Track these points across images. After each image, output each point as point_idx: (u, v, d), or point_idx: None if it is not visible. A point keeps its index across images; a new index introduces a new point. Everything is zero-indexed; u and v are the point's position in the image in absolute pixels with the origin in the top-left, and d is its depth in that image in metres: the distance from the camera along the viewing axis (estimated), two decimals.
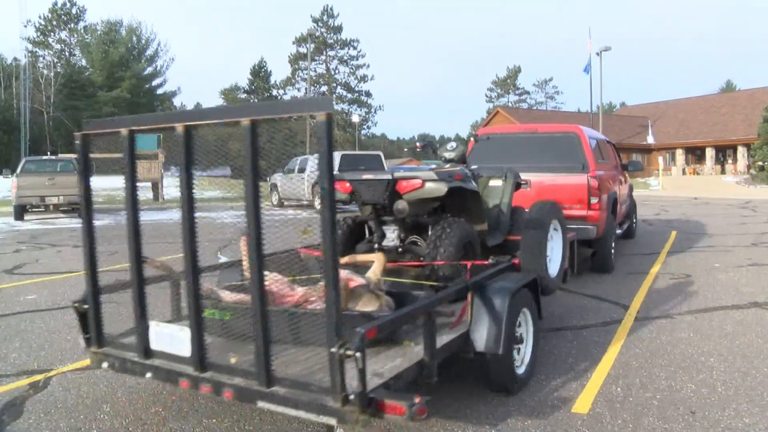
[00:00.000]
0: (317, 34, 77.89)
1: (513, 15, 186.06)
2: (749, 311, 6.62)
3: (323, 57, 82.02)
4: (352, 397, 2.90)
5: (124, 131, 3.81)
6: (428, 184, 4.94)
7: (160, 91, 77.53)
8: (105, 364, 3.94)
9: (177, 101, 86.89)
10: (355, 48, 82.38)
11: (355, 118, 70.43)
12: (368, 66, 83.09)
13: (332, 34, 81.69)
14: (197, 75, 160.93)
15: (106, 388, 4.51)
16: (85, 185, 3.98)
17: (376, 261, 4.57)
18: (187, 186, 3.64)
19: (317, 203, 21.02)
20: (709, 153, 52.21)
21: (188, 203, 3.74)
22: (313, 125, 70.45)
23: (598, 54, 40.20)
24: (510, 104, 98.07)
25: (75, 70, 68.95)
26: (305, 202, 23.32)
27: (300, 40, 78.19)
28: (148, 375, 3.74)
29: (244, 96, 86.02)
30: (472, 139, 7.67)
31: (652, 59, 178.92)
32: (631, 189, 12.82)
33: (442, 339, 3.82)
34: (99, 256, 3.96)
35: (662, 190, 36.17)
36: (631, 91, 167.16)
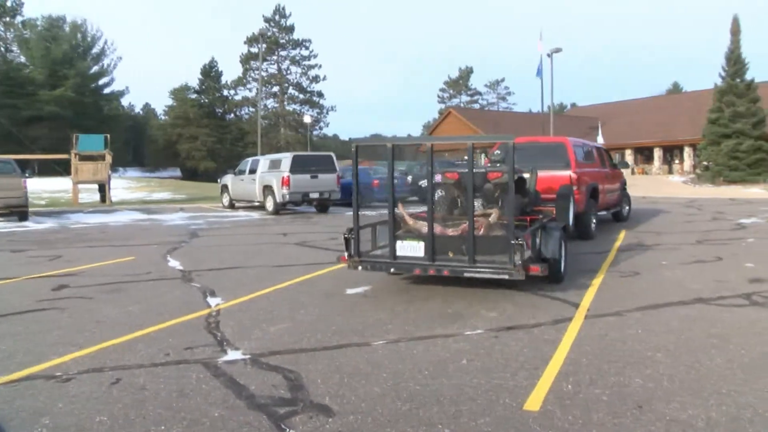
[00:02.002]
0: (269, 34, 77.24)
1: (465, 16, 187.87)
2: (694, 307, 6.77)
3: (275, 57, 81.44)
4: (517, 263, 6.68)
5: (388, 145, 7.86)
6: (505, 175, 8.03)
7: (107, 91, 75.91)
8: (359, 267, 7.69)
9: (125, 101, 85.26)
10: (307, 48, 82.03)
11: (307, 119, 70.05)
12: (320, 66, 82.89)
13: (284, 34, 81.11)
14: (146, 74, 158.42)
15: (45, 399, 4.35)
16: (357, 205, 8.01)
17: (494, 212, 7.80)
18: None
19: (269, 204, 21.09)
20: (657, 153, 53.49)
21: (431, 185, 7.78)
22: (264, 126, 70.03)
23: (549, 55, 40.76)
24: (462, 105, 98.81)
25: (12, 66, 66.86)
26: (257, 203, 23.09)
27: (251, 40, 77.43)
28: (392, 270, 7.75)
29: (194, 96, 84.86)
30: (486, 157, 10.99)
31: (602, 61, 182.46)
32: (623, 183, 16.59)
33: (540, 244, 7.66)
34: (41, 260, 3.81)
35: None
36: (581, 92, 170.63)
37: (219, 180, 27.27)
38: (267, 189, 21.63)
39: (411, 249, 7.39)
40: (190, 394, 4.39)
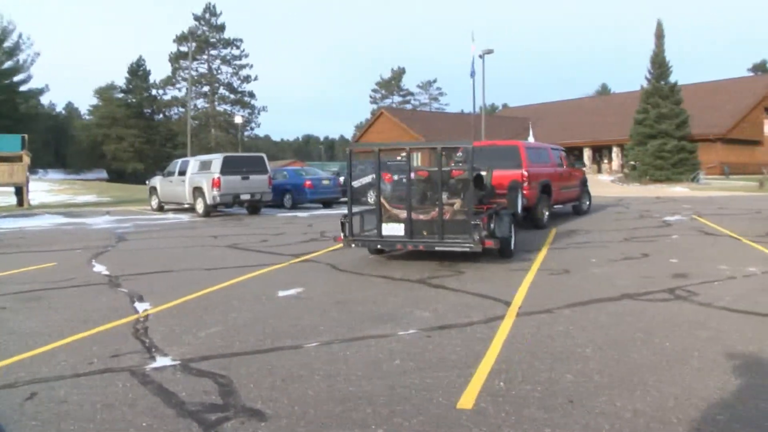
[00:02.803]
0: (199, 32, 75.61)
1: (397, 17, 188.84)
2: (622, 303, 6.95)
3: (205, 56, 79.96)
4: (477, 238, 8.87)
5: (375, 149, 10.65)
6: (466, 173, 10.02)
7: (23, 88, 72.60)
8: (353, 245, 9.99)
9: (45, 99, 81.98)
10: (238, 48, 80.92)
11: (238, 120, 69.08)
12: (251, 66, 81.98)
13: (215, 33, 79.76)
14: (68, 72, 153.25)
15: None
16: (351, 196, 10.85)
17: (458, 202, 10.05)
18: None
19: (199, 206, 20.70)
20: (587, 153, 54.88)
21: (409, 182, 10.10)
22: (194, 126, 68.66)
23: (481, 56, 41.26)
24: (394, 105, 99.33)
25: None
26: (186, 206, 22.62)
27: (181, 39, 75.81)
28: (378, 246, 10.24)
29: (121, 95, 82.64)
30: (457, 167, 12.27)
31: (533, 63, 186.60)
32: (583, 181, 19.13)
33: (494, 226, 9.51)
34: None
35: None
36: (513, 93, 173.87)
37: (147, 182, 26.58)
38: (197, 191, 21.21)
39: (394, 230, 9.73)
40: (116, 405, 4.22)
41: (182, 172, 22.28)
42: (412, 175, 10.70)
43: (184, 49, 74.71)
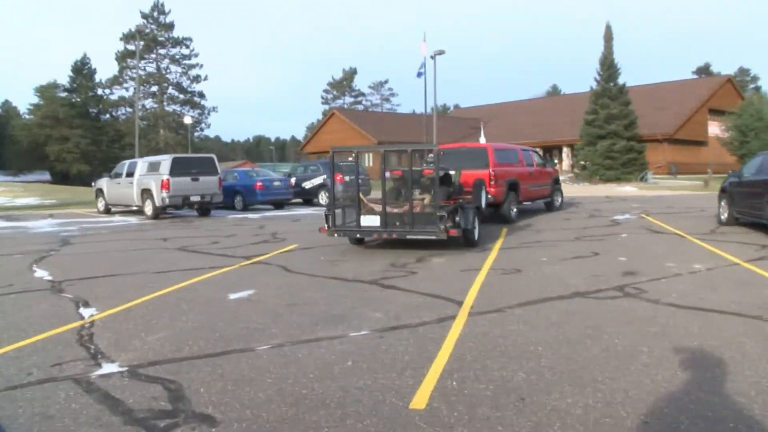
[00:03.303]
0: (147, 31, 73.96)
1: (349, 17, 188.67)
2: (573, 301, 7.04)
3: (154, 55, 78.33)
4: (441, 228, 10.41)
5: (354, 151, 14.33)
6: (435, 172, 11.20)
7: None
8: (336, 234, 11.37)
9: None
10: (187, 47, 79.53)
11: (188, 120, 67.95)
12: (201, 66, 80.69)
13: (163, 32, 78.20)
14: (5, 69, 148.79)
15: None
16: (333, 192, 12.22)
17: (427, 197, 11.41)
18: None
19: (148, 208, 20.31)
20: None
21: (383, 179, 12.00)
22: (142, 127, 67.35)
23: (432, 57, 41.46)
24: (346, 106, 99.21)
25: None
26: (135, 208, 22.18)
27: (128, 37, 73.99)
28: (358, 235, 11.63)
29: (64, 94, 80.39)
30: (428, 166, 13.38)
31: (484, 63, 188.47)
32: (554, 180, 20.59)
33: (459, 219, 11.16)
34: None
35: None
36: (464, 93, 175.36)
37: (93, 184, 26.00)
38: (146, 192, 20.82)
39: (371, 221, 11.21)
40: (57, 416, 4.05)
41: (130, 174, 21.84)
42: (387, 174, 12.41)
43: (131, 47, 72.94)
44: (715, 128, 51.84)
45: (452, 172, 13.28)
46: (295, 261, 10.41)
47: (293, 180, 26.39)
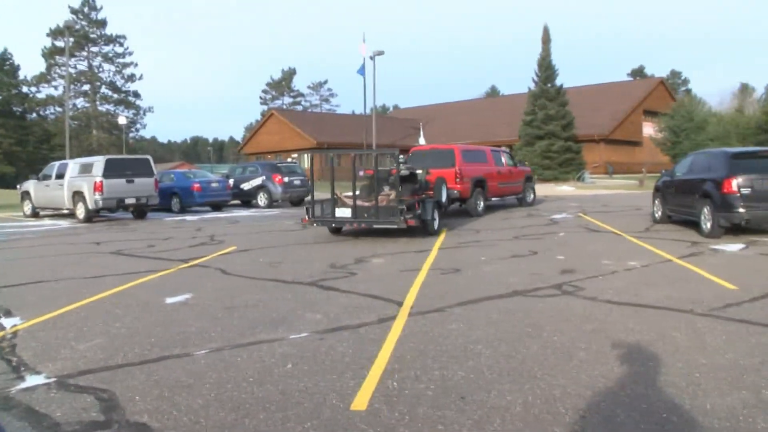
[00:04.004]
0: (77, 27, 71.38)
1: (287, 16, 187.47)
2: (512, 299, 7.12)
3: (85, 53, 75.69)
4: (401, 218, 12.33)
5: (330, 154, 17.82)
6: (403, 171, 13.68)
7: None
8: (314, 224, 13.50)
9: None
10: (121, 45, 77.20)
11: (122, 120, 66.17)
12: (136, 65, 78.57)
13: (95, 29, 75.63)
14: None
15: None
16: (313, 189, 14.55)
17: (393, 193, 13.18)
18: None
19: (79, 212, 19.71)
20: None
21: (353, 178, 13.89)
22: (73, 127, 65.19)
23: (371, 58, 41.49)
24: (285, 106, 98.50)
25: None
26: (65, 211, 21.50)
27: (56, 33, 71.20)
28: (333, 224, 13.66)
29: None
30: (395, 167, 14.15)
31: (423, 64, 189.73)
32: (527, 178, 22.48)
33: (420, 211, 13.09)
34: None
35: None
36: (404, 94, 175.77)
37: (18, 186, 25.05)
38: (77, 195, 20.20)
39: (344, 213, 13.22)
40: None
41: (60, 176, 21.15)
42: (361, 173, 14.79)
43: (60, 44, 70.31)
44: (649, 129, 53.50)
45: (419, 171, 14.86)
46: (233, 263, 10.25)
47: (231, 181, 26.04)
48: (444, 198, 15.12)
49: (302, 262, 10.19)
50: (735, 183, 11.63)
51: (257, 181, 25.69)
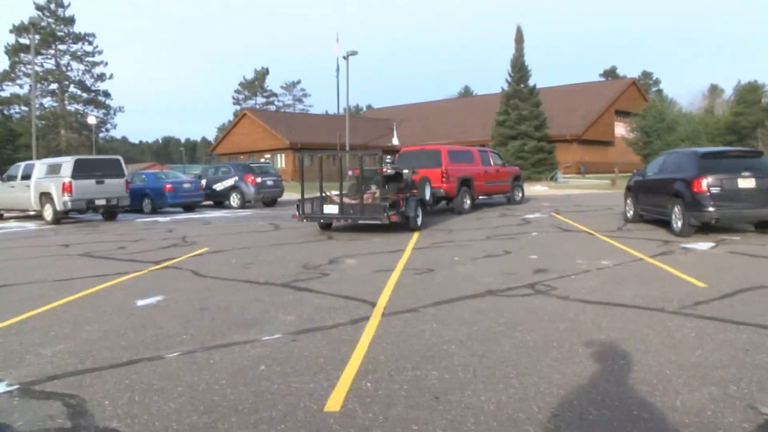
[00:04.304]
0: (43, 24, 69.73)
1: (260, 16, 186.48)
2: (485, 299, 7.14)
3: (52, 51, 74.03)
4: (384, 215, 13.21)
5: (318, 154, 16.01)
6: (389, 171, 14.98)
7: None
8: (305, 221, 14.64)
9: None
10: (90, 43, 75.52)
11: (92, 120, 65.07)
12: (106, 64, 76.94)
13: (62, 26, 73.93)
14: None
15: None
16: (303, 188, 15.26)
17: (378, 192, 14.28)
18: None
19: (47, 213, 19.39)
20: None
21: (340, 177, 16.41)
22: (40, 127, 63.84)
23: (345, 58, 41.49)
24: (258, 106, 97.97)
25: None
26: (32, 213, 21.15)
27: (20, 30, 69.46)
28: (322, 220, 14.55)
29: None
30: (384, 166, 15.22)
31: (396, 64, 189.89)
32: (515, 177, 23.29)
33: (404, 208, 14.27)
34: None
35: None
36: (377, 94, 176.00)
37: None
38: (45, 196, 19.87)
39: (331, 209, 14.18)
40: None
41: (26, 177, 20.79)
42: (350, 172, 16.47)
43: (24, 41, 68.62)
44: (621, 129, 54.17)
45: (406, 171, 15.96)
46: (206, 265, 10.16)
47: (204, 182, 25.82)
48: (428, 196, 16.13)
49: (275, 263, 10.13)
50: (705, 182, 11.81)
51: (230, 182, 25.51)
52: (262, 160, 45.97)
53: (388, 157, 16.09)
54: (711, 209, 11.72)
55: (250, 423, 3.83)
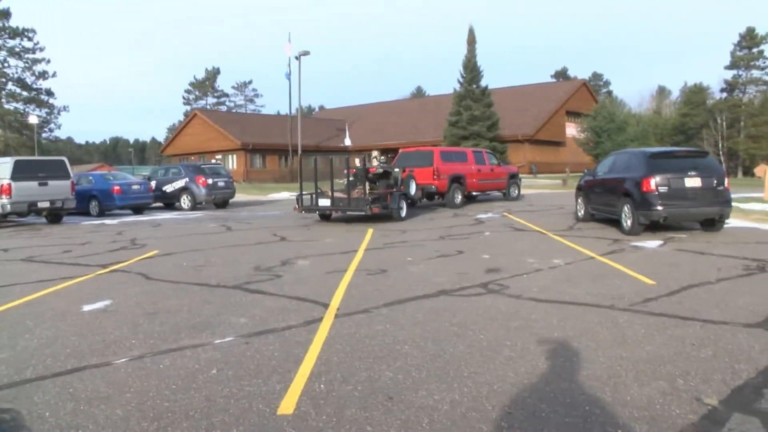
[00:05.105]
0: None
1: (210, 15, 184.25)
2: (438, 299, 7.15)
3: None
4: (367, 207, 15.92)
5: (314, 157, 20.13)
6: (378, 169, 17.95)
7: None
8: (303, 212, 18.00)
9: None
10: (30, 39, 72.49)
11: (33, 120, 63.08)
12: (48, 61, 74.11)
13: None
14: None
15: None
16: (301, 186, 18.27)
17: (361, 187, 16.81)
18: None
19: None
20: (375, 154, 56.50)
21: (331, 177, 17.71)
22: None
23: (297, 58, 41.25)
24: (209, 107, 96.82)
25: None
26: None
27: None
28: (317, 212, 17.52)
29: None
30: (373, 166, 18.30)
31: (349, 64, 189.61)
32: (511, 175, 24.97)
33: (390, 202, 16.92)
34: None
35: None
36: (329, 94, 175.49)
37: None
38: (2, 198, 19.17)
39: (324, 202, 16.79)
40: None
41: None
42: (346, 171, 17.49)
43: None
44: (572, 129, 55.05)
45: (396, 170, 18.21)
46: (156, 268, 9.96)
47: (154, 183, 25.35)
48: (412, 191, 18.54)
49: (227, 265, 9.99)
50: (653, 182, 12.07)
51: (180, 183, 25.11)
52: (214, 161, 45.36)
53: (383, 157, 18.45)
54: (659, 208, 11.99)
55: (202, 428, 3.76)
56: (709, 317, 6.06)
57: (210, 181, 24.80)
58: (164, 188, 25.43)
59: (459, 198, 21.52)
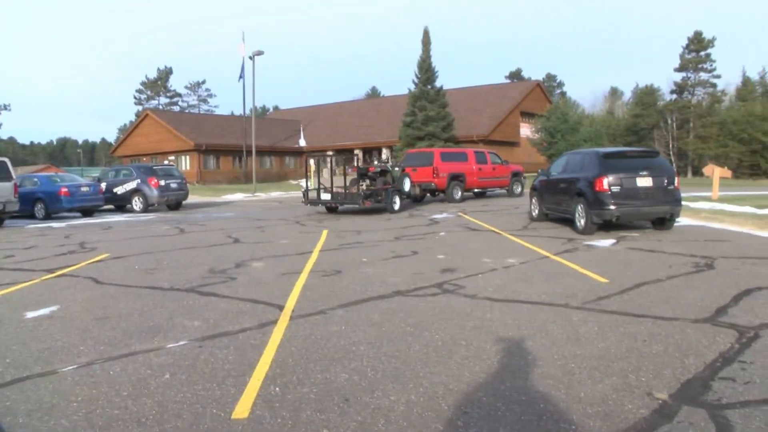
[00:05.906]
0: None
1: (162, 13, 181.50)
2: (394, 299, 7.14)
3: None
4: (361, 201, 19.02)
5: (315, 155, 24.22)
6: (377, 168, 21.45)
7: None
8: (308, 205, 21.09)
9: None
10: None
11: None
12: None
13: None
14: None
15: None
16: (307, 184, 21.67)
17: (365, 185, 20.18)
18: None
19: None
20: (358, 154, 56.50)
21: (330, 175, 21.65)
22: None
23: (251, 58, 40.83)
24: (161, 107, 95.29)
25: None
26: None
27: None
28: (320, 205, 20.95)
29: None
30: (372, 165, 22.20)
31: (302, 65, 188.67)
32: (513, 173, 27.18)
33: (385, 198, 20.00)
34: None
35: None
36: (284, 95, 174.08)
37: None
38: None
39: (326, 196, 19.89)
40: None
41: None
42: (350, 170, 20.33)
43: None
44: (526, 130, 55.61)
45: (396, 169, 21.17)
46: (106, 271, 9.73)
47: (104, 185, 24.82)
48: (406, 188, 21.02)
49: (180, 268, 9.82)
50: (606, 182, 12.28)
51: (132, 185, 24.66)
52: (166, 162, 44.68)
53: (384, 156, 19.30)
54: (612, 207, 12.20)
55: (154, 430, 3.68)
56: (660, 314, 6.17)
57: (162, 182, 24.41)
58: (115, 190, 24.93)
59: (459, 194, 23.87)
